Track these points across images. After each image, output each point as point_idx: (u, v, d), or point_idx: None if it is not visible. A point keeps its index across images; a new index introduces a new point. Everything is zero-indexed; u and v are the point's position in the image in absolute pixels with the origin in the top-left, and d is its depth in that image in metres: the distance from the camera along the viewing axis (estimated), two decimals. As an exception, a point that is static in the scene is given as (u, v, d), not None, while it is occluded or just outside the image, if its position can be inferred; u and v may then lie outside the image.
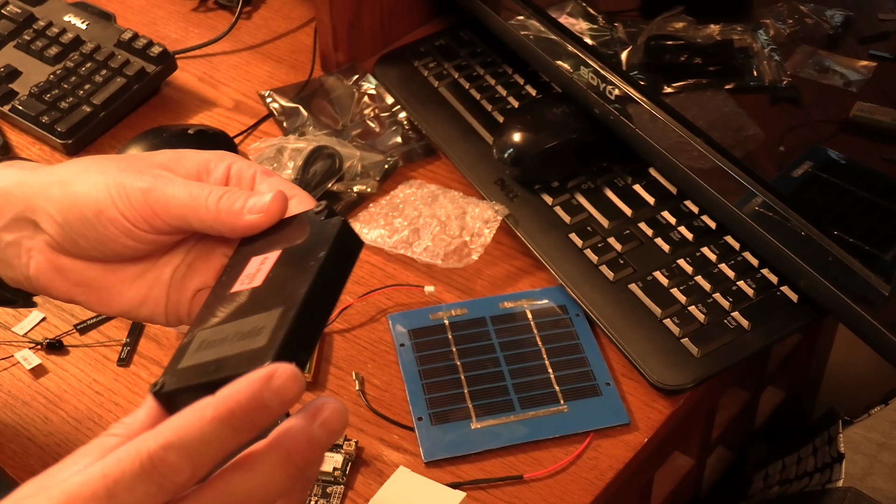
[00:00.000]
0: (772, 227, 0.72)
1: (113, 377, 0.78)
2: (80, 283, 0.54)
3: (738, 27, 0.76)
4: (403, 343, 0.78)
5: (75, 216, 0.51)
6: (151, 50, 1.00)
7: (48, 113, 0.96)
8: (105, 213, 0.50)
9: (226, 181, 0.52)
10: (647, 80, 0.81)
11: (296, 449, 0.40)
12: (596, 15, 0.87)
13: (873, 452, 0.83)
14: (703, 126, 0.76)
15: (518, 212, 0.85)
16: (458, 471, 0.70)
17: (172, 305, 0.55)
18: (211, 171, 0.52)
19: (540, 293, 0.81)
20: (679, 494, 0.97)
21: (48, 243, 0.53)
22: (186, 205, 0.50)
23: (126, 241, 0.51)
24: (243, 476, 0.40)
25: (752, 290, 0.76)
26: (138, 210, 0.50)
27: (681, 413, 0.74)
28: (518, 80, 0.97)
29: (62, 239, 0.52)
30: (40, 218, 0.52)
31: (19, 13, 1.05)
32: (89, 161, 0.53)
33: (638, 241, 0.81)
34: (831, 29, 0.69)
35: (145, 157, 0.53)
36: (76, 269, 0.53)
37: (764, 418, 1.10)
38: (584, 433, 0.72)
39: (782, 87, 0.73)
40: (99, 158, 0.53)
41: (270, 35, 1.10)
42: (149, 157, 0.53)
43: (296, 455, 0.40)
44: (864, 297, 0.67)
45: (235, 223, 0.50)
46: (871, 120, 0.67)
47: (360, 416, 0.74)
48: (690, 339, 0.74)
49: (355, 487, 0.70)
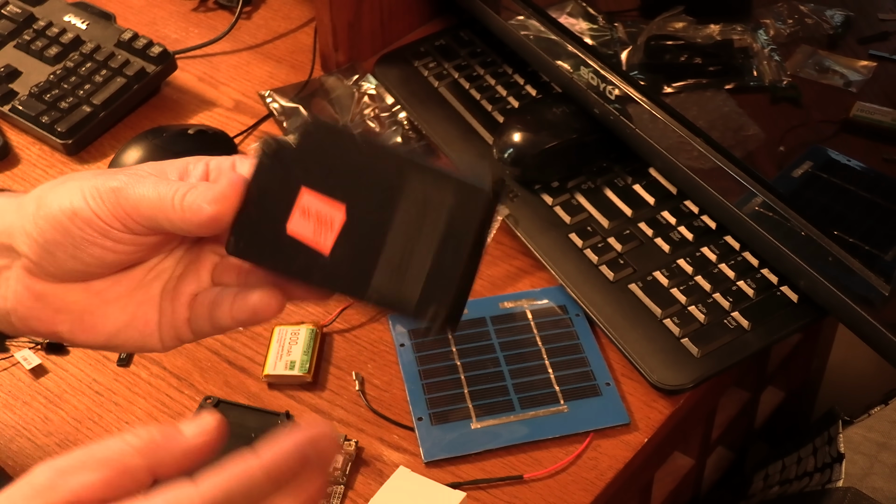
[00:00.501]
0: (772, 227, 0.72)
1: (113, 377, 0.78)
2: (61, 308, 0.51)
3: (738, 27, 0.76)
4: (403, 343, 0.78)
5: (50, 225, 0.49)
6: (151, 50, 1.00)
7: (48, 113, 0.96)
8: (80, 215, 0.48)
9: (205, 179, 0.50)
10: (647, 80, 0.81)
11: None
12: (596, 15, 0.87)
13: (873, 452, 0.83)
14: (703, 126, 0.76)
15: (518, 212, 0.85)
16: (458, 471, 0.70)
17: (167, 319, 0.52)
18: (190, 171, 0.51)
19: (540, 293, 0.81)
20: (679, 494, 0.97)
21: (26, 268, 0.51)
22: (155, 205, 0.48)
23: (103, 242, 0.49)
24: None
25: (752, 290, 0.76)
26: (111, 209, 0.48)
27: (681, 413, 0.74)
28: (518, 80, 0.97)
29: (39, 256, 0.50)
30: (16, 240, 0.50)
31: (19, 13, 1.05)
32: (67, 175, 0.51)
33: (638, 241, 0.81)
34: (831, 29, 0.69)
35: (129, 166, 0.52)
36: (56, 294, 0.51)
37: (764, 418, 1.10)
38: (584, 433, 0.72)
39: (782, 87, 0.73)
40: (77, 172, 0.51)
41: (270, 35, 1.10)
42: (134, 166, 0.51)
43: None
44: (864, 297, 0.67)
45: (199, 219, 0.47)
46: (871, 120, 0.67)
47: (360, 416, 0.74)
48: (690, 339, 0.74)
49: (355, 487, 0.70)
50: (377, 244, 0.46)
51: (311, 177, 0.47)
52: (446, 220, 0.46)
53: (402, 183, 0.46)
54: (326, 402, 0.75)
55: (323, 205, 0.47)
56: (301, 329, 0.78)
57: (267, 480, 0.39)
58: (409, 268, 0.46)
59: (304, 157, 0.47)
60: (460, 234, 0.46)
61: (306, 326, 0.78)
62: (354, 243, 0.47)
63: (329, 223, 0.47)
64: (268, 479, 0.39)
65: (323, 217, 0.47)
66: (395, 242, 0.46)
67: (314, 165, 0.47)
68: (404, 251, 0.46)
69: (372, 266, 0.46)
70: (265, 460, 0.39)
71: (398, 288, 0.46)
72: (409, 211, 0.46)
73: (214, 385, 0.77)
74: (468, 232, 0.46)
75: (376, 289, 0.46)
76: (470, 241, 0.46)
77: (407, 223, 0.46)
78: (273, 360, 0.76)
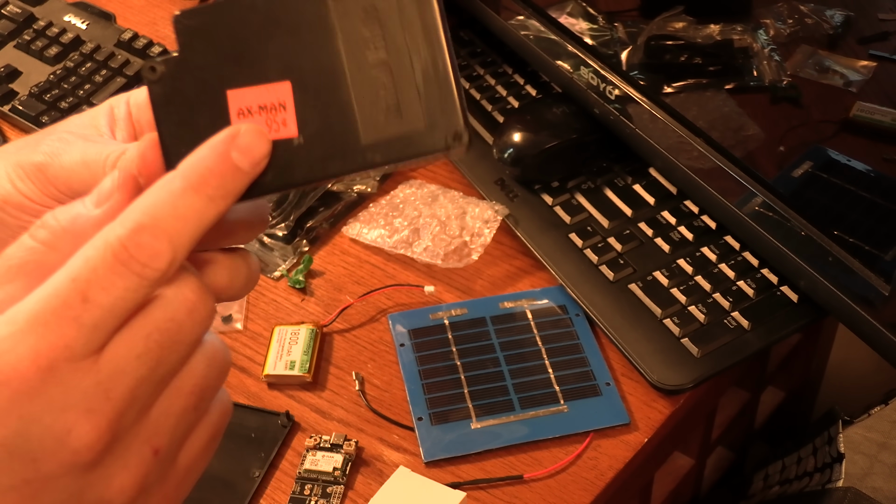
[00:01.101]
0: (772, 227, 0.72)
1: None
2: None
3: (738, 27, 0.76)
4: (403, 343, 0.78)
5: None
6: (151, 50, 1.00)
7: (48, 113, 0.96)
8: (10, 202, 0.42)
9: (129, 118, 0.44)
10: (647, 80, 0.81)
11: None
12: (596, 15, 0.87)
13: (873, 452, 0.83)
14: (703, 126, 0.76)
15: (518, 212, 0.85)
16: (458, 471, 0.70)
17: None
18: (116, 116, 0.44)
19: (540, 293, 0.81)
20: (679, 494, 0.97)
21: None
22: (86, 181, 0.41)
23: None
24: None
25: (752, 290, 0.76)
26: (42, 189, 0.42)
27: (681, 413, 0.74)
28: (518, 80, 0.97)
29: None
30: None
31: (19, 13, 1.05)
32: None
33: (638, 241, 0.81)
34: (831, 29, 0.69)
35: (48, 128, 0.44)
36: None
37: (764, 418, 1.10)
38: (584, 433, 0.72)
39: (782, 87, 0.73)
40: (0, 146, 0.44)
41: (270, 35, 1.10)
42: (53, 126, 0.44)
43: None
44: (864, 297, 0.67)
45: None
46: (871, 120, 0.67)
47: (360, 416, 0.74)
48: (690, 339, 0.74)
49: (355, 487, 0.70)
50: (343, 94, 0.37)
51: (224, 74, 0.37)
52: (399, 15, 0.36)
53: (325, 10, 0.37)
54: (326, 402, 0.75)
55: (259, 93, 0.38)
56: (301, 329, 0.78)
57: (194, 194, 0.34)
58: (395, 97, 0.37)
59: (199, 58, 0.38)
60: (424, 21, 0.37)
61: (306, 326, 0.78)
62: (318, 109, 0.37)
63: (278, 105, 0.38)
64: (194, 192, 0.34)
65: (267, 104, 0.38)
66: (360, 80, 0.37)
67: (217, 58, 0.37)
68: (378, 82, 0.37)
69: (352, 121, 0.37)
70: (186, 171, 0.34)
71: (396, 127, 0.37)
72: (354, 35, 0.37)
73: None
74: (430, 14, 0.37)
75: (372, 143, 0.37)
76: (438, 23, 0.36)
77: (359, 51, 0.37)
78: (273, 360, 0.76)
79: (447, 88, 0.37)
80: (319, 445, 0.71)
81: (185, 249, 0.34)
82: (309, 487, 0.70)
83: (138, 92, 0.43)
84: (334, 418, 0.74)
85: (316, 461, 0.70)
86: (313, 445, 0.71)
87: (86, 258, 0.33)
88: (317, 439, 0.72)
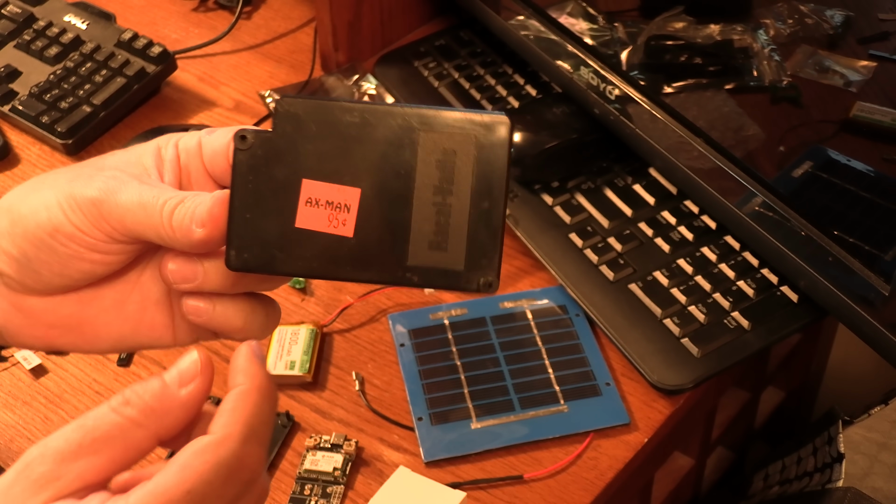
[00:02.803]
0: (772, 227, 0.72)
1: (113, 377, 0.78)
2: (54, 324, 0.46)
3: (738, 27, 0.76)
4: (403, 343, 0.78)
5: (30, 243, 0.44)
6: (151, 50, 1.00)
7: (48, 113, 0.96)
8: (61, 231, 0.43)
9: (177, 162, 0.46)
10: (647, 80, 0.81)
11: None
12: (596, 15, 0.87)
13: (873, 452, 0.83)
14: (703, 126, 0.76)
15: (518, 212, 0.85)
16: (458, 471, 0.70)
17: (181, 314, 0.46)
18: (164, 157, 0.46)
19: (540, 293, 0.81)
20: (679, 494, 0.97)
21: (7, 285, 0.46)
22: (142, 221, 0.43)
23: (91, 255, 0.44)
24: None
25: (752, 290, 0.76)
26: (94, 223, 0.43)
27: (681, 413, 0.74)
28: (518, 80, 0.97)
29: (21, 275, 0.45)
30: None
31: (19, 13, 1.05)
32: (36, 180, 0.46)
33: (638, 241, 0.81)
34: (831, 29, 0.69)
35: (95, 162, 0.46)
36: (46, 309, 0.46)
37: (764, 418, 1.10)
38: (584, 433, 0.72)
39: (782, 87, 0.73)
40: (47, 174, 0.46)
41: (270, 35, 1.10)
42: (99, 160, 0.46)
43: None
44: (864, 297, 0.67)
45: (190, 242, 0.42)
46: (871, 120, 0.67)
47: (360, 416, 0.74)
48: (690, 339, 0.74)
49: (355, 487, 0.70)
50: (404, 216, 0.41)
51: (306, 163, 0.41)
52: (474, 166, 0.41)
53: (413, 139, 0.41)
54: (326, 402, 0.75)
55: (331, 190, 0.41)
56: (301, 329, 0.78)
57: (264, 398, 0.40)
58: (447, 233, 0.41)
59: (288, 143, 0.41)
60: (492, 178, 0.41)
61: (306, 326, 0.78)
62: (378, 221, 0.41)
63: (344, 205, 0.41)
64: (263, 397, 0.40)
65: (335, 201, 0.41)
66: (422, 208, 0.41)
67: (305, 148, 0.41)
68: (438, 215, 0.41)
69: (404, 241, 0.41)
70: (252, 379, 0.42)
71: (440, 259, 0.41)
72: (430, 168, 0.41)
73: (215, 385, 0.76)
74: (500, 174, 0.41)
75: (415, 266, 0.41)
76: (504, 184, 0.41)
77: (430, 183, 0.41)
78: (273, 360, 0.76)
79: (493, 243, 0.41)
80: (319, 445, 0.71)
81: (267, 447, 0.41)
82: (309, 487, 0.70)
83: (188, 137, 0.45)
84: (334, 418, 0.74)
85: (316, 461, 0.71)
86: (313, 445, 0.71)
87: (195, 471, 0.38)
88: (317, 439, 0.72)
